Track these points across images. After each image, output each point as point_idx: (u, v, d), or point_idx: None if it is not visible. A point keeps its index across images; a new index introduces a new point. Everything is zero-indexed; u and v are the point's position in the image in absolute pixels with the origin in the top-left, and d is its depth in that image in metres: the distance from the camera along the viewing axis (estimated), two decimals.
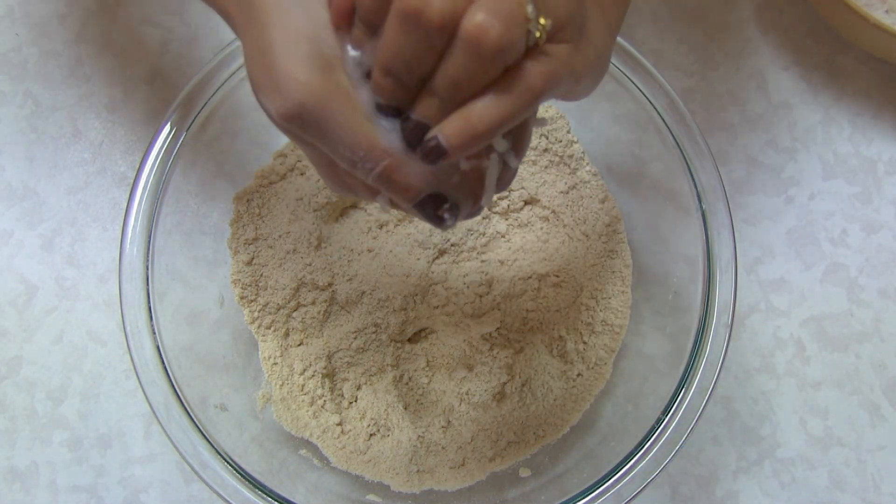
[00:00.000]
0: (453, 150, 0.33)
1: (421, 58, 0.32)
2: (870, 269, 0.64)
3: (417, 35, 0.31)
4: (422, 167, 0.35)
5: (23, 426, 0.62)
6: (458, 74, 0.32)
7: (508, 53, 0.32)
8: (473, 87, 0.33)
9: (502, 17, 0.31)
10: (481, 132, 0.33)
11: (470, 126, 0.33)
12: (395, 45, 0.32)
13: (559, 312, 0.60)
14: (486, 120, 0.33)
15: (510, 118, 0.33)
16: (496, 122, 0.33)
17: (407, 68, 0.32)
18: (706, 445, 0.62)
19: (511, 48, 0.32)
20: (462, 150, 0.33)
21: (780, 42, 0.68)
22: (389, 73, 0.33)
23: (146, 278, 0.53)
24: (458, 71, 0.32)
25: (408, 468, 0.57)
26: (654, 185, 0.59)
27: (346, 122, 0.34)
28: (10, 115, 0.66)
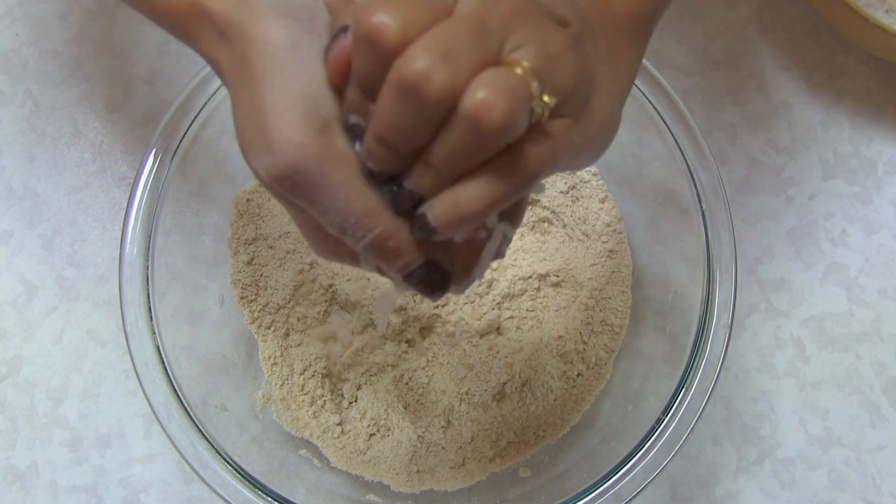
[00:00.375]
0: (441, 231, 0.32)
1: (417, 130, 0.30)
2: (870, 269, 0.64)
3: (414, 108, 0.30)
4: (413, 236, 0.33)
5: (23, 426, 0.62)
6: (456, 151, 0.30)
7: (510, 133, 0.30)
8: (471, 164, 0.31)
9: (505, 95, 0.29)
10: (471, 215, 0.31)
11: (459, 208, 0.31)
12: (390, 116, 0.30)
13: (559, 312, 0.60)
14: (477, 203, 0.31)
15: (502, 202, 0.32)
16: (487, 206, 0.31)
17: (402, 139, 0.31)
18: (706, 445, 0.62)
19: (513, 128, 0.30)
20: (451, 231, 0.32)
21: (780, 42, 0.68)
22: (383, 143, 0.31)
23: (146, 278, 0.53)
24: (455, 147, 0.30)
25: (408, 468, 0.57)
26: (654, 185, 0.59)
27: (339, 187, 0.32)
28: (10, 115, 0.66)
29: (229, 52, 0.35)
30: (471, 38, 0.30)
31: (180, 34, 0.37)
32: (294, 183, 0.32)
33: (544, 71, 0.31)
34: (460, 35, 0.29)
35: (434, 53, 0.29)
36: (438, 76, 0.29)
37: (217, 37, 0.35)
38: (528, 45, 0.31)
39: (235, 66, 0.34)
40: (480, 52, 0.30)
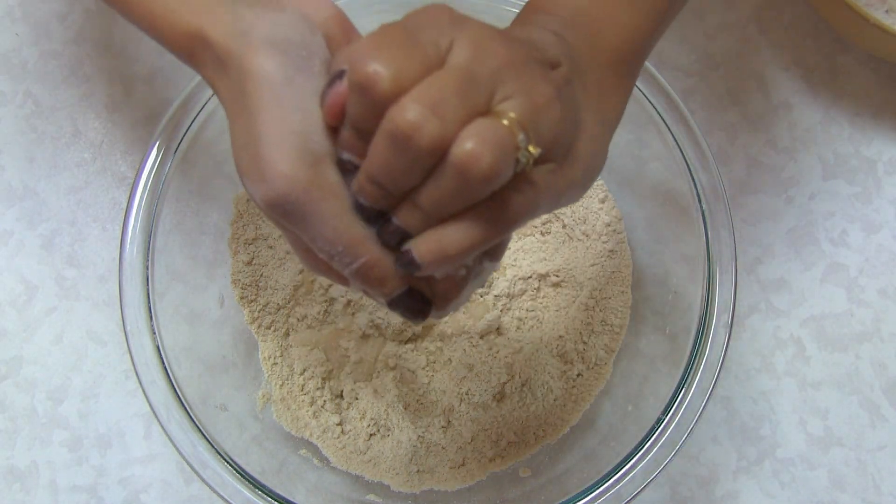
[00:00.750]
0: (426, 268, 0.33)
1: (407, 175, 0.32)
2: (870, 269, 0.64)
3: (405, 156, 0.31)
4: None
5: (23, 426, 0.62)
6: (443, 196, 0.32)
7: (495, 182, 0.31)
8: (456, 208, 0.32)
9: (492, 147, 0.30)
10: (453, 255, 0.33)
11: (443, 248, 0.33)
12: (382, 160, 0.32)
13: (559, 312, 0.60)
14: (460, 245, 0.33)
15: (484, 244, 0.33)
16: (469, 248, 0.33)
17: (392, 182, 0.32)
18: (706, 445, 0.62)
19: (499, 178, 0.31)
20: (434, 269, 0.33)
21: (780, 42, 0.68)
22: (375, 183, 0.32)
23: (146, 278, 0.53)
24: (443, 193, 0.32)
25: (408, 468, 0.57)
26: (654, 185, 0.59)
27: (327, 218, 0.34)
28: (10, 115, 0.66)
29: (227, 81, 0.36)
30: (460, 90, 0.31)
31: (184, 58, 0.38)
32: (285, 211, 0.34)
33: (530, 122, 0.32)
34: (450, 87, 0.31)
35: (425, 105, 0.30)
36: (429, 127, 0.30)
37: (216, 65, 0.36)
38: (516, 96, 0.32)
39: (232, 95, 0.35)
40: (469, 103, 0.31)
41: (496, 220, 0.33)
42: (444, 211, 0.33)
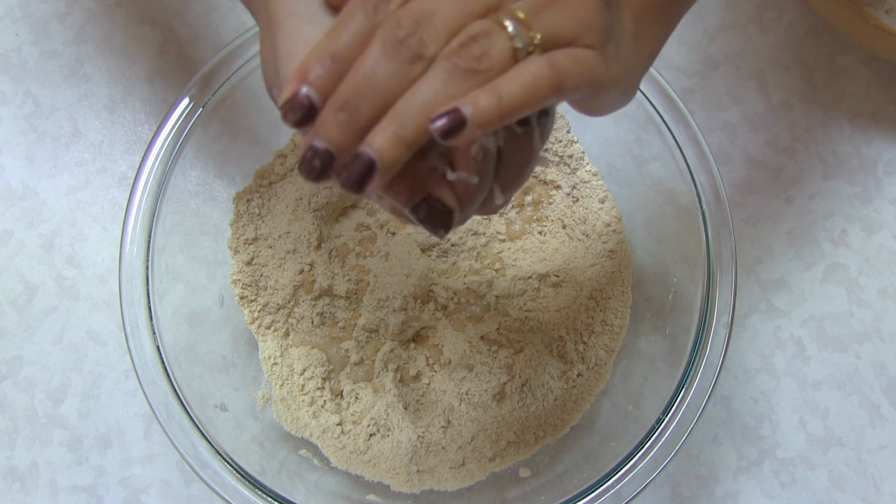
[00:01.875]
0: (475, 126, 0.31)
1: (391, 84, 0.31)
2: (870, 269, 0.64)
3: (393, 62, 0.31)
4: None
5: (23, 426, 0.62)
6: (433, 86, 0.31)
7: (486, 73, 0.31)
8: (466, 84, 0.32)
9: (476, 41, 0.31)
10: (499, 112, 0.31)
11: (500, 103, 0.31)
12: (368, 67, 0.31)
13: (559, 312, 0.60)
14: (514, 96, 0.31)
15: (529, 102, 0.32)
16: (522, 99, 0.32)
17: (371, 95, 0.31)
18: (706, 445, 0.62)
19: (490, 68, 0.31)
20: (486, 127, 0.32)
21: (780, 42, 0.68)
22: (347, 105, 0.32)
23: (146, 278, 0.53)
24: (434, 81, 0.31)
25: (408, 468, 0.57)
26: (654, 185, 0.59)
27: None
28: (10, 115, 0.66)
29: (258, 4, 0.38)
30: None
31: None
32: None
33: (538, 14, 0.32)
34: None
35: (419, 12, 0.31)
36: (419, 35, 0.31)
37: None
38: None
39: (260, 15, 0.37)
40: (467, 9, 0.32)
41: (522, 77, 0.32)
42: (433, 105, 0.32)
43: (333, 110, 0.32)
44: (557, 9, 0.33)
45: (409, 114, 0.31)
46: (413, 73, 0.31)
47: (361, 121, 0.31)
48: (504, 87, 0.31)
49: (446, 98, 0.31)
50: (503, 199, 0.37)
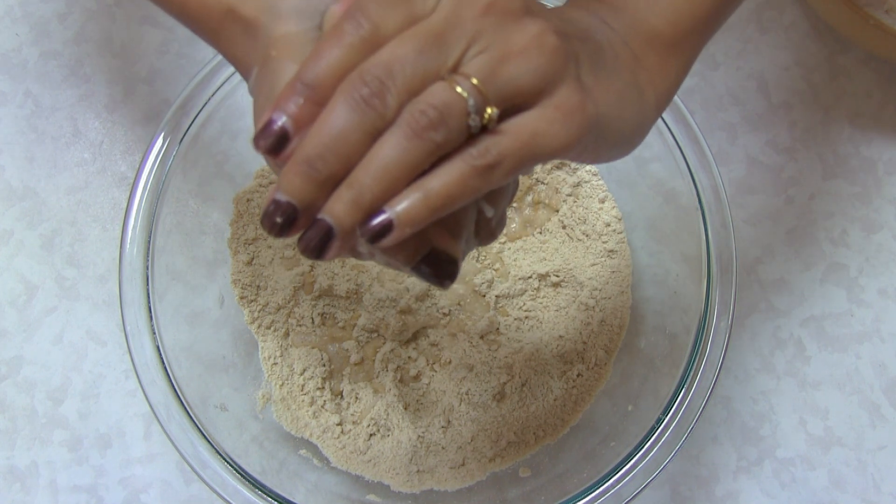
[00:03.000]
0: (401, 227, 0.32)
1: (353, 143, 0.31)
2: (870, 269, 0.64)
3: (355, 119, 0.31)
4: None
5: (23, 426, 0.62)
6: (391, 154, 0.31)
7: (444, 147, 0.31)
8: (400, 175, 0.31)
9: (436, 114, 0.31)
10: (435, 207, 0.32)
11: (427, 200, 0.31)
12: (329, 125, 0.32)
13: (559, 312, 0.60)
14: (443, 192, 0.31)
15: (467, 194, 0.32)
16: (454, 195, 0.32)
17: (334, 153, 0.31)
18: (706, 445, 0.62)
19: (446, 142, 0.31)
20: (415, 226, 0.32)
21: (780, 42, 0.68)
22: (308, 161, 0.32)
23: (146, 278, 0.53)
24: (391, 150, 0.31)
25: (408, 468, 0.57)
26: (654, 185, 0.59)
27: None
28: (10, 115, 0.66)
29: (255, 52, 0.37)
30: (422, 51, 0.32)
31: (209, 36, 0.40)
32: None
33: (494, 78, 0.32)
34: (412, 48, 0.32)
35: (382, 70, 0.31)
36: (381, 94, 0.31)
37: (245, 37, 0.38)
38: (488, 50, 0.32)
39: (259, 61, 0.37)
40: (430, 65, 0.32)
41: (483, 162, 0.32)
42: (388, 179, 0.31)
43: (296, 164, 0.32)
44: (512, 63, 0.32)
45: (367, 181, 0.31)
46: (375, 129, 0.32)
47: (324, 174, 0.32)
48: (431, 185, 0.31)
49: (403, 165, 0.31)
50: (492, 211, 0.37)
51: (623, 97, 0.36)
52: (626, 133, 0.37)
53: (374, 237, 0.32)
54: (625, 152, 0.38)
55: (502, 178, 0.33)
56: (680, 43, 0.39)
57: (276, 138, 0.33)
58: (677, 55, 0.39)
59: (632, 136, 0.38)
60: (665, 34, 0.39)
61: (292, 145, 0.33)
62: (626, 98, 0.37)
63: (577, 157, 0.36)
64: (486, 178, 0.32)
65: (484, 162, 0.32)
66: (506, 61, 0.32)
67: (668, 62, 0.39)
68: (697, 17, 0.39)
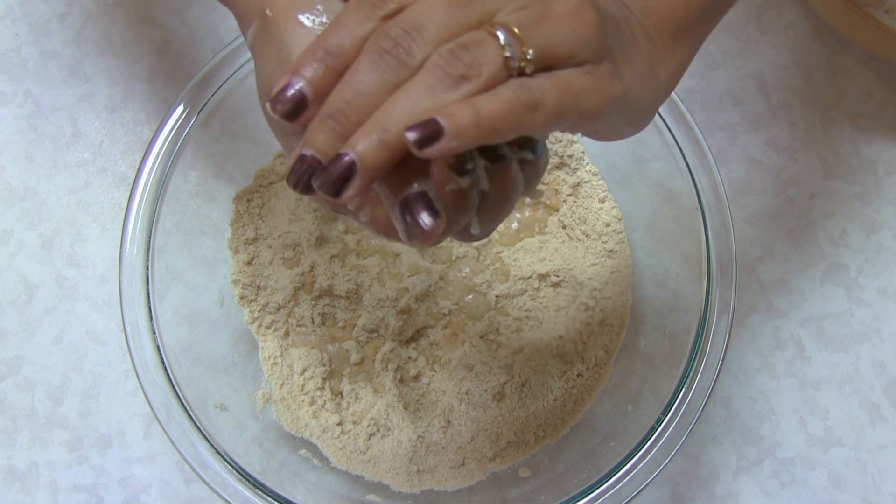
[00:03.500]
0: (451, 137, 0.30)
1: (378, 94, 0.31)
2: (870, 269, 0.64)
3: (383, 71, 0.31)
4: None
5: (23, 426, 0.62)
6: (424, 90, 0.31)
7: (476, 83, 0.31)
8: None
9: (468, 52, 0.31)
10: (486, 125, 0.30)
11: (477, 116, 0.30)
12: (357, 77, 0.31)
13: (559, 312, 0.60)
14: (493, 113, 0.30)
15: (507, 121, 0.31)
16: (502, 117, 0.30)
17: (359, 105, 0.31)
18: (706, 445, 0.62)
19: (479, 79, 0.31)
20: (462, 141, 0.30)
21: (780, 42, 0.68)
22: (335, 114, 0.31)
23: (146, 278, 0.53)
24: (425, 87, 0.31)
25: (408, 468, 0.57)
26: (654, 185, 0.59)
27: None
28: (10, 115, 0.66)
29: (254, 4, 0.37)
30: (451, 5, 0.31)
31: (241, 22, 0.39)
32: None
33: (532, 29, 0.32)
34: (448, 2, 0.31)
35: (410, 22, 0.31)
36: (407, 45, 0.31)
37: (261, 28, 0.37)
38: (525, 8, 0.32)
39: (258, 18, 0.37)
40: (459, 19, 0.31)
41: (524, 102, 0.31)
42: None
43: (321, 120, 0.31)
44: (551, 23, 0.32)
45: (393, 118, 0.30)
46: (400, 81, 0.31)
47: (349, 128, 0.31)
48: (482, 104, 0.30)
49: (431, 104, 0.30)
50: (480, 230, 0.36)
51: (643, 77, 0.37)
52: (642, 111, 0.38)
53: (420, 143, 0.30)
54: (636, 130, 0.39)
55: (544, 120, 0.31)
56: (690, 25, 0.40)
57: (295, 103, 0.32)
58: (687, 37, 0.40)
59: (646, 114, 0.38)
60: (678, 15, 0.39)
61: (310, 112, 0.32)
62: (645, 78, 0.37)
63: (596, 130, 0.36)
64: (531, 115, 0.31)
65: (532, 96, 0.31)
66: (546, 20, 0.32)
67: (677, 44, 0.39)
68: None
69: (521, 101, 0.31)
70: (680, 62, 0.40)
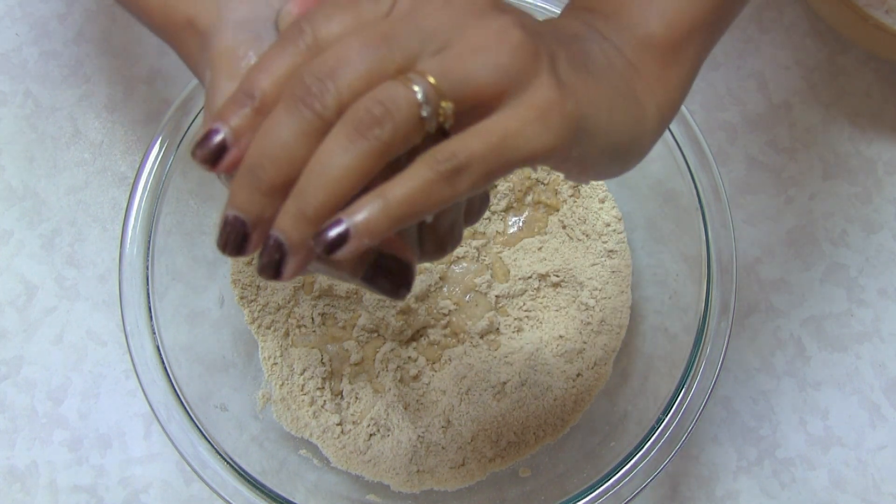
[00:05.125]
0: (361, 236, 0.29)
1: (294, 148, 0.30)
2: (870, 269, 0.64)
3: (296, 123, 0.30)
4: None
5: (23, 426, 0.62)
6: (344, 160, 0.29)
7: (396, 148, 0.29)
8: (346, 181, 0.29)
9: (385, 111, 0.29)
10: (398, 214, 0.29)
11: (387, 209, 0.29)
12: (273, 130, 0.30)
13: (559, 312, 0.60)
14: (405, 200, 0.29)
15: (436, 199, 0.29)
16: (418, 202, 0.29)
17: (275, 162, 0.30)
18: (706, 445, 0.62)
19: (396, 143, 0.29)
20: (374, 237, 0.29)
21: (780, 42, 0.68)
22: (253, 171, 0.30)
23: (146, 278, 0.53)
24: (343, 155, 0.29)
25: (408, 468, 0.57)
26: (654, 185, 0.59)
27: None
28: (10, 115, 0.66)
29: (202, 64, 0.36)
30: (371, 48, 0.30)
31: (175, 46, 0.39)
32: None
33: (451, 76, 0.30)
34: (357, 47, 0.30)
35: (325, 69, 0.30)
36: (322, 95, 0.30)
37: (200, 49, 0.37)
38: (447, 48, 0.30)
39: (203, 76, 0.36)
40: (379, 65, 0.30)
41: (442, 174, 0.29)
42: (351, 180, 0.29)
43: (241, 175, 0.31)
44: (469, 59, 0.30)
45: (310, 191, 0.29)
46: (314, 131, 0.30)
47: (265, 182, 0.30)
48: (391, 192, 0.29)
49: (348, 170, 0.29)
50: (430, 258, 0.35)
51: (612, 101, 0.34)
52: (618, 143, 0.34)
53: (329, 248, 0.29)
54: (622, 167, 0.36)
55: (470, 185, 0.29)
56: (679, 48, 0.37)
57: (214, 149, 0.31)
58: (677, 62, 0.37)
59: (628, 147, 0.35)
60: (661, 39, 0.36)
61: (230, 156, 0.31)
62: (616, 103, 0.34)
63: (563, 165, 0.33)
64: (452, 186, 0.29)
65: (449, 166, 0.29)
66: (463, 57, 0.30)
67: (667, 70, 0.37)
68: (695, 18, 0.37)
69: (438, 174, 0.29)
70: (673, 87, 0.37)
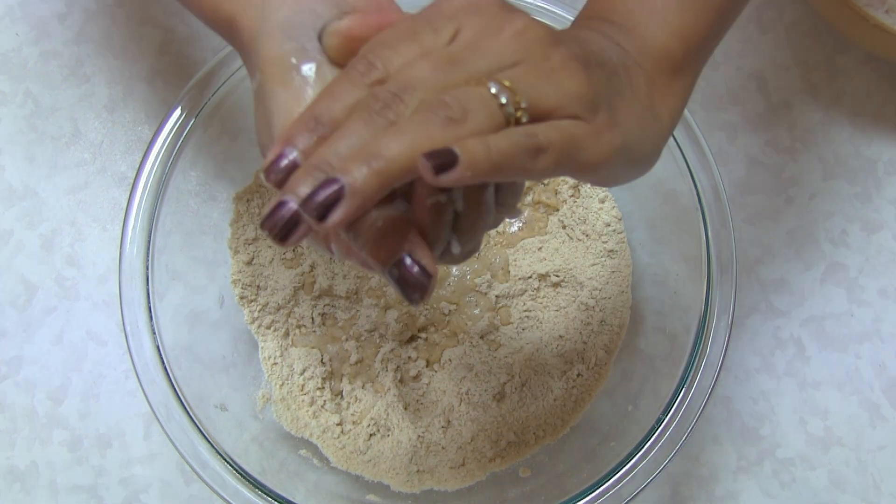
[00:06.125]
0: (465, 168, 0.30)
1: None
2: (870, 269, 0.64)
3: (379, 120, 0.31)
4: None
5: (23, 426, 0.62)
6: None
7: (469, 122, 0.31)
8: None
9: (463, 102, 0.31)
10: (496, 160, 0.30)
11: (489, 153, 0.30)
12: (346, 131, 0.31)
13: (559, 312, 0.60)
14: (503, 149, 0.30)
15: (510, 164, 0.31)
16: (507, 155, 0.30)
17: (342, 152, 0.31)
18: (706, 445, 0.62)
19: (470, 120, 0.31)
20: (476, 174, 0.30)
21: (780, 42, 0.68)
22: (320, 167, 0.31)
23: (146, 278, 0.53)
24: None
25: (408, 468, 0.57)
26: (654, 185, 0.59)
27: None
28: (10, 115, 0.66)
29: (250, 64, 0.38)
30: (441, 70, 0.32)
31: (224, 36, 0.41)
32: None
33: (526, 85, 0.32)
34: (434, 65, 0.32)
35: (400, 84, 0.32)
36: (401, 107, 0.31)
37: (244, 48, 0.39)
38: (518, 66, 0.33)
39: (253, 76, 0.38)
40: (452, 79, 0.32)
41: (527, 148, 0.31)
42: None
43: (306, 169, 0.31)
44: (541, 79, 0.33)
45: (384, 147, 0.30)
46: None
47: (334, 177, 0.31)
48: (493, 141, 0.30)
49: (425, 139, 0.30)
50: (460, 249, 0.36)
51: (643, 121, 0.37)
52: (645, 155, 0.38)
53: (436, 170, 0.29)
54: (641, 173, 0.39)
55: (545, 166, 0.31)
56: (689, 60, 0.39)
57: (286, 173, 0.32)
58: (685, 72, 0.40)
59: (650, 156, 0.38)
60: (676, 52, 0.39)
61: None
62: (645, 122, 0.37)
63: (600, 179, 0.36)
64: (534, 159, 0.31)
65: (536, 141, 0.31)
66: (534, 76, 0.32)
67: (677, 80, 0.39)
68: (705, 31, 0.39)
69: (527, 145, 0.31)
70: (680, 97, 0.40)
